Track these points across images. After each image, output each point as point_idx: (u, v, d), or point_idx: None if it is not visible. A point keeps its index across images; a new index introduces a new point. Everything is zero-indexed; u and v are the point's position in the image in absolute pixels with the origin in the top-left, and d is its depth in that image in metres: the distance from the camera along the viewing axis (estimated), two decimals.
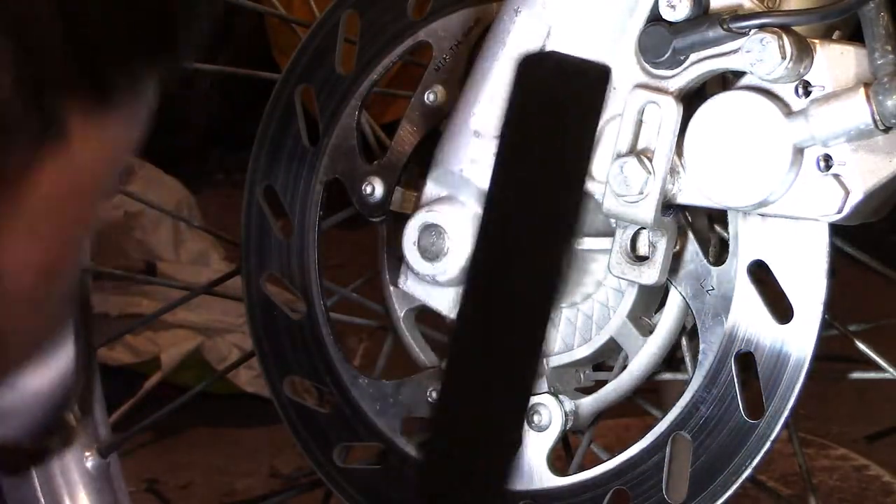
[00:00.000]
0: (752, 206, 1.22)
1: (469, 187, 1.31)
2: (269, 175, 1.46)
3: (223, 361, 2.79)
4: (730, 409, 1.27)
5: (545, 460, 1.33)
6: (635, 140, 1.24)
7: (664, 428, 1.30)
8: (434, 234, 1.32)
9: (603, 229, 1.30)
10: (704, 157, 1.23)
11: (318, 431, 1.44)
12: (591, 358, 1.35)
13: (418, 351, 1.42)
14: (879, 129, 1.16)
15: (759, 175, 1.21)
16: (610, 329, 1.32)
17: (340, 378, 1.44)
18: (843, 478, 2.08)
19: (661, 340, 1.32)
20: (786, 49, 1.17)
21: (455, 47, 1.39)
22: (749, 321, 1.26)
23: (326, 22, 1.44)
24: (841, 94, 1.18)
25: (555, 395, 1.34)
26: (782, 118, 1.20)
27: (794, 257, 1.24)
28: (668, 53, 1.22)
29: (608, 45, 1.26)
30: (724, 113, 1.22)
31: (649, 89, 1.24)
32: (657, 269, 1.26)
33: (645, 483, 1.31)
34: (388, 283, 1.42)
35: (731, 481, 1.27)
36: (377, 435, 1.42)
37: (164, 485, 2.38)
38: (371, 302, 1.47)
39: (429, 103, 1.39)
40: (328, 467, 1.44)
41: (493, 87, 1.30)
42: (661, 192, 1.23)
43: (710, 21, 1.20)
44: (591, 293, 1.34)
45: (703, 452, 1.28)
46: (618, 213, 1.24)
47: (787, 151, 1.20)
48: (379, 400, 1.42)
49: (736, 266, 1.27)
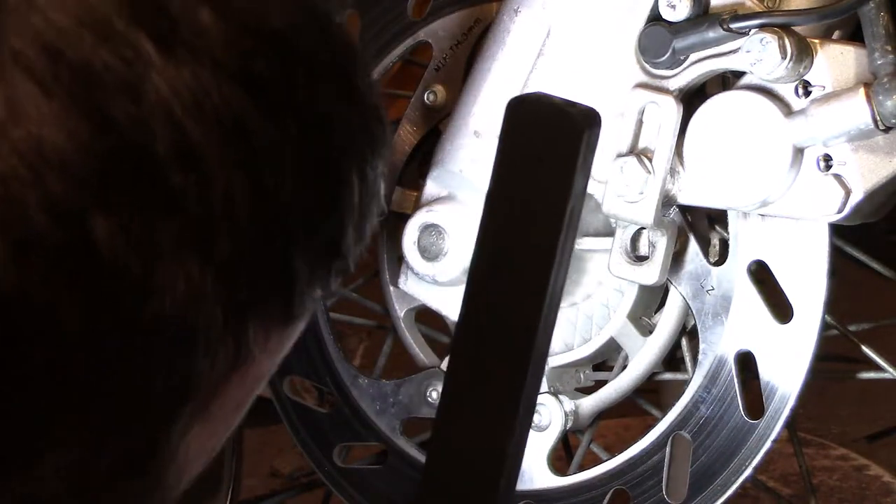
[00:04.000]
0: (752, 206, 1.22)
1: (469, 187, 1.31)
2: None
3: None
4: (730, 409, 1.27)
5: (545, 460, 1.33)
6: (635, 140, 1.24)
7: (664, 428, 1.30)
8: (434, 234, 1.32)
9: (603, 229, 1.30)
10: (704, 157, 1.23)
11: (318, 431, 1.44)
12: (591, 358, 1.35)
13: (418, 351, 1.42)
14: (879, 129, 1.16)
15: (759, 175, 1.21)
16: (610, 329, 1.32)
17: (340, 378, 1.44)
18: (843, 478, 2.08)
19: (661, 340, 1.32)
20: (786, 49, 1.17)
21: (455, 47, 1.39)
22: (749, 321, 1.26)
23: None
24: (841, 94, 1.18)
25: (555, 395, 1.34)
26: (782, 118, 1.20)
27: (794, 257, 1.24)
28: (668, 53, 1.22)
29: (608, 45, 1.26)
30: (724, 113, 1.22)
31: (649, 89, 1.24)
32: (657, 269, 1.26)
33: (645, 483, 1.31)
34: (388, 283, 1.42)
35: (731, 481, 1.27)
36: (377, 435, 1.42)
37: None
38: (371, 302, 1.47)
39: (429, 103, 1.39)
40: (328, 467, 1.44)
41: (493, 87, 1.30)
42: (661, 192, 1.23)
43: (710, 21, 1.20)
44: (591, 293, 1.34)
45: (703, 452, 1.28)
46: (618, 213, 1.24)
47: (787, 151, 1.20)
48: (379, 400, 1.42)
49: (736, 266, 1.27)
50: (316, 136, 0.70)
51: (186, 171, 0.65)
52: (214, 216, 0.66)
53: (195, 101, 0.65)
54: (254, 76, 0.67)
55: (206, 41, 0.66)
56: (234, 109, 0.66)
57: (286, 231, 0.69)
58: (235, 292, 0.68)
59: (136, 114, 0.64)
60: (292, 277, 0.71)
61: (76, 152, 0.63)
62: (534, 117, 0.71)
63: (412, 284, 1.36)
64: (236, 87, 0.67)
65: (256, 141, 0.67)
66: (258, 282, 0.69)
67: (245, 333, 0.69)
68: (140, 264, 0.64)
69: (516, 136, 0.71)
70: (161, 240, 0.64)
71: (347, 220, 0.73)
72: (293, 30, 0.70)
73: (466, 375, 0.72)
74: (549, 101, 0.71)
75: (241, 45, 0.67)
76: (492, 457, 0.72)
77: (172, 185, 0.64)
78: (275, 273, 0.70)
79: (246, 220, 0.67)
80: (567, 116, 0.70)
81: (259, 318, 0.70)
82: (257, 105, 0.67)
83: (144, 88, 0.64)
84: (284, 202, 0.69)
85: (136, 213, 0.64)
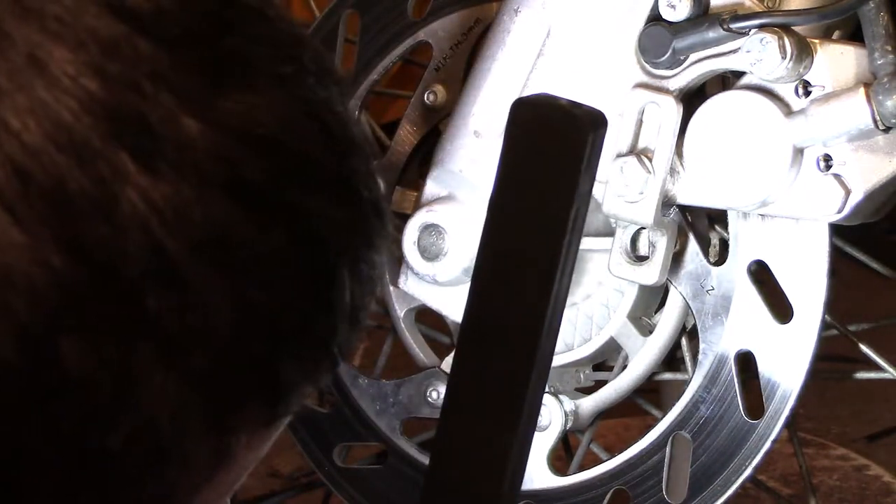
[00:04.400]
0: (752, 206, 1.22)
1: (469, 187, 1.31)
2: None
3: None
4: (730, 409, 1.27)
5: (545, 460, 1.33)
6: (635, 140, 1.24)
7: (664, 428, 1.30)
8: (434, 234, 1.32)
9: (603, 229, 1.30)
10: (704, 157, 1.23)
11: (318, 431, 1.44)
12: (591, 358, 1.35)
13: (418, 351, 1.42)
14: (879, 129, 1.16)
15: (759, 175, 1.21)
16: (610, 329, 1.32)
17: (340, 378, 1.44)
18: (843, 478, 2.08)
19: (661, 340, 1.32)
20: (786, 49, 1.17)
21: (455, 47, 1.39)
22: (749, 321, 1.26)
23: (326, 22, 1.44)
24: (841, 94, 1.18)
25: (555, 395, 1.34)
26: (782, 118, 1.20)
27: (794, 257, 1.24)
28: (668, 53, 1.22)
29: (608, 45, 1.26)
30: (724, 113, 1.22)
31: (649, 89, 1.24)
32: (657, 269, 1.26)
33: (645, 483, 1.31)
34: (388, 283, 1.42)
35: (731, 481, 1.27)
36: (377, 435, 1.42)
37: None
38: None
39: (429, 103, 1.39)
40: (328, 467, 1.44)
41: (493, 87, 1.30)
42: (661, 192, 1.23)
43: (710, 21, 1.20)
44: (591, 293, 1.34)
45: (703, 452, 1.28)
46: (618, 213, 1.24)
47: (787, 151, 1.20)
48: (379, 400, 1.42)
49: (736, 266, 1.27)
50: (307, 245, 0.67)
51: (162, 291, 0.62)
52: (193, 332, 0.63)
53: (175, 216, 0.62)
54: (241, 185, 0.64)
55: (191, 153, 0.63)
56: (218, 222, 0.63)
57: (272, 340, 0.66)
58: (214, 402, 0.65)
59: (109, 235, 0.61)
60: (278, 382, 0.68)
61: (45, 280, 0.60)
62: (538, 119, 0.70)
63: (412, 284, 1.36)
64: (221, 199, 0.63)
65: (242, 254, 0.64)
66: (240, 389, 0.66)
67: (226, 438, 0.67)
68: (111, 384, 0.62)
69: (520, 137, 0.70)
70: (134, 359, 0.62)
71: (339, 320, 0.70)
72: (285, 131, 0.66)
73: (470, 378, 0.72)
74: (555, 102, 0.70)
75: (227, 154, 0.64)
76: (495, 461, 0.71)
77: (147, 307, 0.62)
78: (259, 380, 0.67)
79: (228, 333, 0.64)
80: (573, 118, 0.70)
81: (242, 423, 0.67)
82: (244, 216, 0.64)
83: (119, 206, 0.61)
84: (271, 313, 0.66)
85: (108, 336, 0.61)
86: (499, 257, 0.71)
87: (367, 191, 0.70)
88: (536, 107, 0.70)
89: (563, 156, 0.70)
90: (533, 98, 0.71)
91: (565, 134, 0.70)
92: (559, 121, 0.70)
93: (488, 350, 0.71)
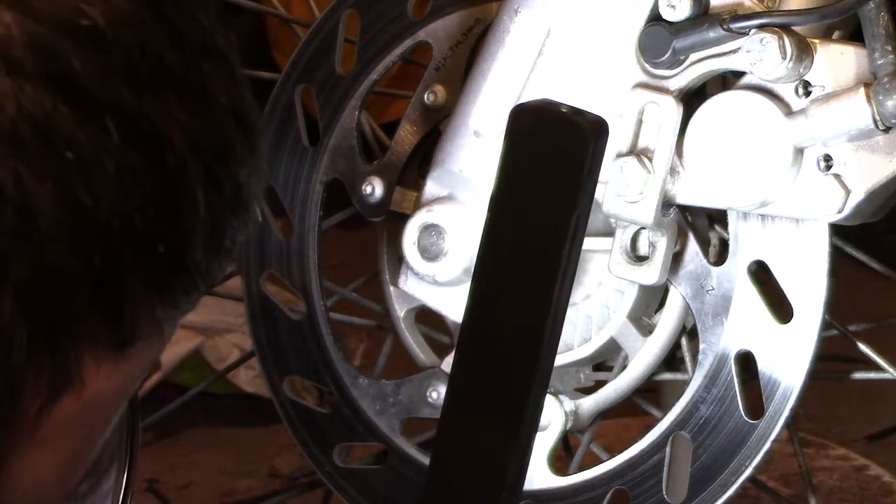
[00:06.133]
0: (753, 206, 1.22)
1: (469, 187, 1.31)
2: (269, 175, 1.46)
3: (223, 361, 2.78)
4: (730, 409, 1.27)
5: (545, 460, 1.33)
6: (635, 140, 1.24)
7: (664, 428, 1.30)
8: (434, 234, 1.32)
9: (603, 229, 1.30)
10: (704, 157, 1.23)
11: (318, 431, 1.44)
12: (591, 358, 1.35)
13: (418, 351, 1.42)
14: (879, 129, 1.16)
15: (759, 175, 1.21)
16: (610, 329, 1.32)
17: (340, 378, 1.44)
18: (843, 478, 2.08)
19: (661, 340, 1.32)
20: (786, 49, 1.17)
21: (455, 47, 1.39)
22: (749, 321, 1.26)
23: (326, 22, 1.44)
24: (841, 94, 1.18)
25: (555, 395, 1.34)
26: (782, 118, 1.20)
27: (794, 257, 1.24)
28: (668, 53, 1.22)
29: (608, 45, 1.26)
30: (724, 113, 1.22)
31: (649, 89, 1.24)
32: (657, 269, 1.26)
33: (645, 483, 1.31)
34: (388, 283, 1.42)
35: (731, 481, 1.27)
36: (377, 435, 1.42)
37: (164, 485, 2.38)
38: (371, 302, 1.47)
39: (429, 103, 1.39)
40: (328, 467, 1.44)
41: (493, 87, 1.30)
42: (661, 192, 1.23)
43: (710, 21, 1.20)
44: (591, 293, 1.33)
45: (703, 452, 1.28)
46: (618, 213, 1.24)
47: (787, 151, 1.20)
48: (379, 400, 1.42)
49: (736, 266, 1.27)
50: (144, 146, 0.64)
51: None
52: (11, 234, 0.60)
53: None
54: (66, 78, 0.62)
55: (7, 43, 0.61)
56: (41, 116, 0.61)
57: (107, 249, 0.63)
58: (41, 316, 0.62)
59: None
60: (120, 297, 0.65)
61: None
62: (539, 126, 0.69)
63: (412, 284, 1.36)
64: (44, 92, 0.61)
65: (68, 151, 0.61)
66: (72, 303, 0.63)
67: (61, 357, 0.64)
68: None
69: (521, 144, 0.70)
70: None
71: (193, 235, 0.67)
72: (118, 25, 0.63)
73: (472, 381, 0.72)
74: (556, 108, 0.70)
75: (46, 45, 0.61)
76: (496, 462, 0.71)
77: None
78: (95, 293, 0.64)
79: (51, 238, 0.61)
80: (574, 126, 0.69)
81: (80, 341, 0.64)
82: (71, 111, 0.61)
83: None
84: (103, 218, 0.63)
85: None
86: (500, 265, 0.71)
87: (226, 98, 0.68)
88: (537, 114, 0.70)
89: (564, 164, 0.69)
90: (534, 104, 0.70)
91: (567, 142, 0.69)
92: (560, 129, 0.69)
93: (489, 353, 0.71)
